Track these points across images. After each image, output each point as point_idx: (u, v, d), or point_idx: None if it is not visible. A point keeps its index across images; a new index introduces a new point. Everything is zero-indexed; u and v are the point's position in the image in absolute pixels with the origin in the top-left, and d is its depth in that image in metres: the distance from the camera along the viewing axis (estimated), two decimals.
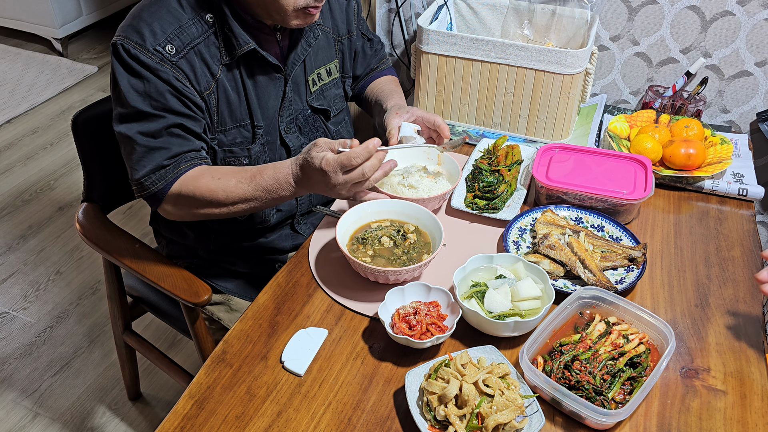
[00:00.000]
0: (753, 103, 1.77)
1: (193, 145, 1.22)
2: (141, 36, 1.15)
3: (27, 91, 3.61)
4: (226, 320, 1.42)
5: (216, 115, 1.25)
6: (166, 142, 1.18)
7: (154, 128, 1.17)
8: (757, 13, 1.65)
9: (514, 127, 1.66)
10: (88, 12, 4.03)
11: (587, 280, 1.18)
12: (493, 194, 1.37)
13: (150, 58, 1.15)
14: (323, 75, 1.41)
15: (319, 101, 1.41)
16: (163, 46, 1.16)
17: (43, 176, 2.99)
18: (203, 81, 1.21)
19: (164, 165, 1.19)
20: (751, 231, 1.36)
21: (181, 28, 1.18)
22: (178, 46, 1.17)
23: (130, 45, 1.15)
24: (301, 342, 1.10)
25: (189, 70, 1.19)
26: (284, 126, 1.35)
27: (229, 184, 1.18)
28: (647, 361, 1.03)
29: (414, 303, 1.11)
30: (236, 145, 1.29)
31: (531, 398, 0.96)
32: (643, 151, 1.49)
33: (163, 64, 1.16)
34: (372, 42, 1.57)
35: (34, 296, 2.36)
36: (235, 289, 1.43)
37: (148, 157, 1.18)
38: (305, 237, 1.47)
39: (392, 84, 1.58)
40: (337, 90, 1.46)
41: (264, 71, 1.28)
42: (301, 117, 1.38)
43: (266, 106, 1.30)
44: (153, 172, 1.19)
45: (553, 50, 1.52)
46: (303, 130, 1.40)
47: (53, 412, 1.95)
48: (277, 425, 0.98)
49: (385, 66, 1.62)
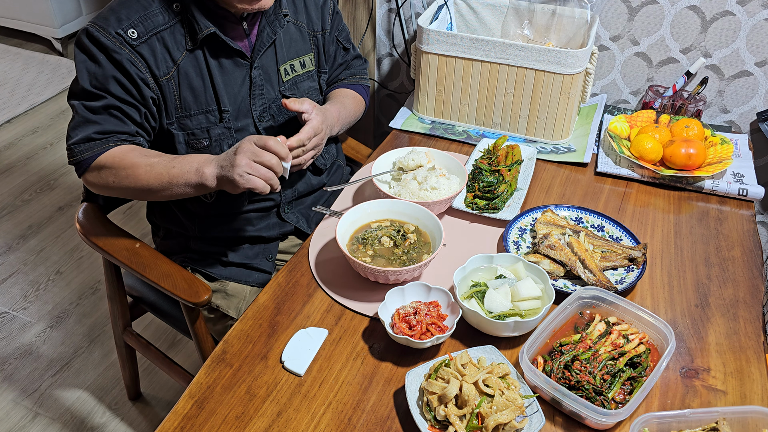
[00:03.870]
0: (753, 103, 1.77)
1: (128, 128, 1.27)
2: (106, 21, 1.23)
3: (27, 91, 3.61)
4: (224, 306, 1.42)
5: (178, 99, 1.30)
6: (102, 119, 1.25)
7: (94, 105, 1.25)
8: (757, 13, 1.65)
9: (514, 127, 1.66)
10: (88, 12, 4.03)
11: (587, 280, 1.18)
12: (493, 194, 1.37)
13: (110, 40, 1.22)
14: (296, 66, 1.44)
15: (292, 91, 1.43)
16: (126, 30, 1.22)
17: (43, 176, 2.99)
18: (162, 66, 1.26)
19: (93, 138, 1.25)
20: (751, 231, 1.36)
21: (147, 15, 1.25)
22: (141, 31, 1.24)
23: (94, 29, 1.22)
24: (301, 342, 1.10)
25: (149, 54, 1.24)
26: (257, 114, 1.38)
27: (152, 161, 1.24)
28: (647, 361, 1.03)
29: (414, 303, 1.11)
30: (200, 128, 1.33)
31: (531, 398, 0.96)
32: (643, 151, 1.50)
33: (122, 47, 1.22)
34: (347, 52, 1.58)
35: (34, 296, 2.36)
36: (230, 275, 1.44)
37: (82, 127, 1.25)
38: (292, 225, 1.48)
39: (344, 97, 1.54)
40: (311, 83, 1.49)
41: (229, 57, 1.32)
42: (274, 106, 1.41)
43: (233, 92, 1.34)
44: (82, 141, 1.25)
45: (553, 50, 1.52)
46: (277, 119, 1.42)
47: (53, 412, 1.95)
48: (277, 425, 0.98)
49: (352, 81, 1.61)
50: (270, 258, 1.47)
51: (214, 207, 1.40)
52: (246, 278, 1.44)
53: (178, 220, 1.44)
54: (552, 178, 1.52)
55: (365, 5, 1.99)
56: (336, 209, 1.41)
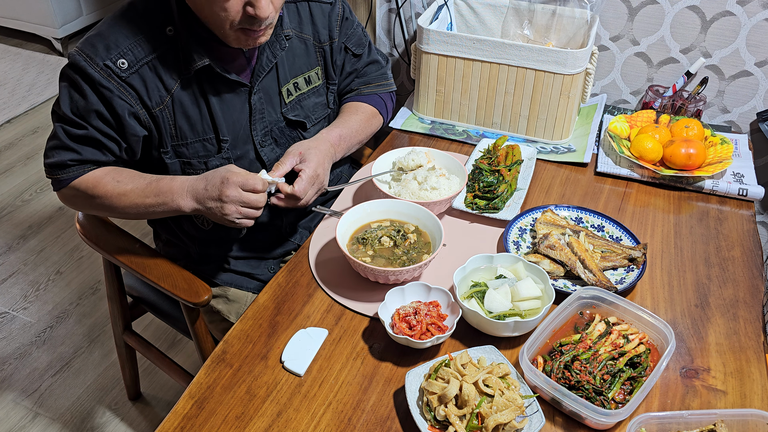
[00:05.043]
0: (753, 103, 1.77)
1: (106, 158, 1.24)
2: (94, 49, 1.17)
3: (27, 91, 3.61)
4: (225, 312, 1.42)
5: (173, 128, 1.25)
6: (80, 148, 1.22)
7: (74, 133, 1.21)
8: (757, 13, 1.65)
9: (514, 127, 1.66)
10: (88, 12, 4.03)
11: (587, 280, 1.18)
12: (493, 194, 1.37)
13: (97, 72, 1.16)
14: (301, 84, 1.37)
15: (295, 112, 1.37)
16: (115, 61, 1.17)
17: (43, 176, 2.98)
18: (155, 96, 1.21)
19: (69, 164, 1.23)
20: (751, 231, 1.36)
21: (138, 41, 1.18)
22: (131, 60, 1.18)
23: (81, 57, 1.16)
24: (301, 342, 1.10)
25: (140, 85, 1.19)
26: (259, 139, 1.33)
27: (126, 188, 1.22)
28: (647, 361, 1.03)
29: (414, 303, 1.11)
30: (197, 158, 1.29)
31: (531, 398, 0.96)
32: (643, 151, 1.50)
33: (110, 80, 1.17)
34: (357, 59, 1.48)
35: (34, 296, 2.36)
36: (232, 281, 1.44)
37: (59, 151, 1.23)
38: (294, 242, 1.47)
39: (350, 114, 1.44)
40: (318, 98, 1.41)
41: (227, 84, 1.26)
42: (276, 129, 1.35)
43: (231, 119, 1.28)
44: (59, 166, 1.23)
45: (553, 50, 1.52)
46: (279, 142, 1.37)
47: (53, 412, 1.95)
48: (277, 425, 0.98)
49: (367, 91, 1.50)
50: (272, 270, 1.46)
51: (212, 232, 1.38)
52: (247, 284, 1.44)
53: (175, 232, 1.43)
54: (552, 178, 1.52)
55: (365, 5, 1.99)
56: (336, 209, 1.41)
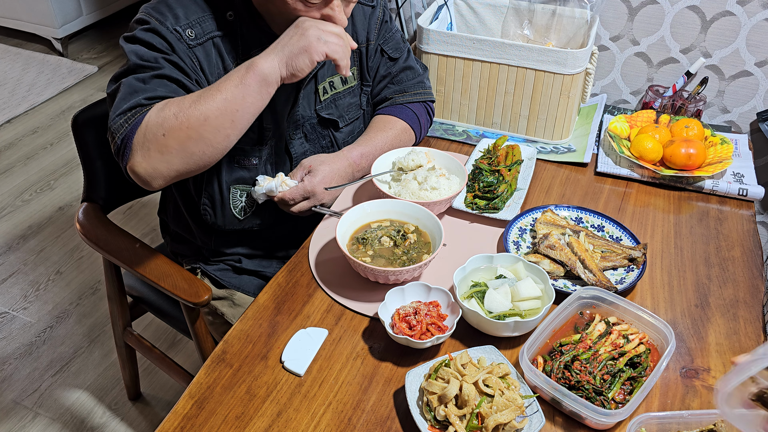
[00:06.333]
0: (753, 103, 1.77)
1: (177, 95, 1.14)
2: (163, 15, 1.16)
3: (27, 91, 3.61)
4: (229, 315, 1.42)
5: None
6: (152, 85, 1.12)
7: (145, 75, 1.13)
8: (757, 13, 1.65)
9: (514, 127, 1.66)
10: (88, 12, 4.03)
11: (587, 280, 1.18)
12: (493, 194, 1.37)
13: (169, 33, 1.16)
14: (336, 83, 1.38)
15: (329, 110, 1.38)
16: (183, 29, 1.17)
17: (43, 176, 2.99)
18: (215, 72, 1.21)
19: (142, 104, 1.10)
20: (751, 231, 1.36)
21: (204, 18, 1.19)
22: (198, 33, 1.18)
23: (152, 19, 1.15)
24: (301, 342, 1.10)
25: (204, 58, 1.19)
26: (290, 132, 1.35)
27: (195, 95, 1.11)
28: (647, 361, 1.03)
29: (414, 303, 1.11)
30: (245, 143, 1.28)
31: (531, 398, 0.96)
32: (643, 151, 1.50)
33: (180, 42, 1.17)
34: (393, 62, 1.46)
35: (34, 296, 2.36)
36: (240, 285, 1.43)
37: (128, 97, 1.11)
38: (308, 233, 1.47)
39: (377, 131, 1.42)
40: (352, 99, 1.43)
41: None
42: (308, 124, 1.37)
43: (275, 110, 1.29)
44: (128, 111, 1.10)
45: (553, 50, 1.52)
46: (309, 137, 1.38)
47: (53, 412, 1.95)
48: (277, 425, 0.98)
49: (402, 101, 1.47)
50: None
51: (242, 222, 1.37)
52: (256, 292, 1.44)
53: (189, 228, 1.43)
54: (552, 178, 1.52)
55: None
56: (336, 209, 1.41)
